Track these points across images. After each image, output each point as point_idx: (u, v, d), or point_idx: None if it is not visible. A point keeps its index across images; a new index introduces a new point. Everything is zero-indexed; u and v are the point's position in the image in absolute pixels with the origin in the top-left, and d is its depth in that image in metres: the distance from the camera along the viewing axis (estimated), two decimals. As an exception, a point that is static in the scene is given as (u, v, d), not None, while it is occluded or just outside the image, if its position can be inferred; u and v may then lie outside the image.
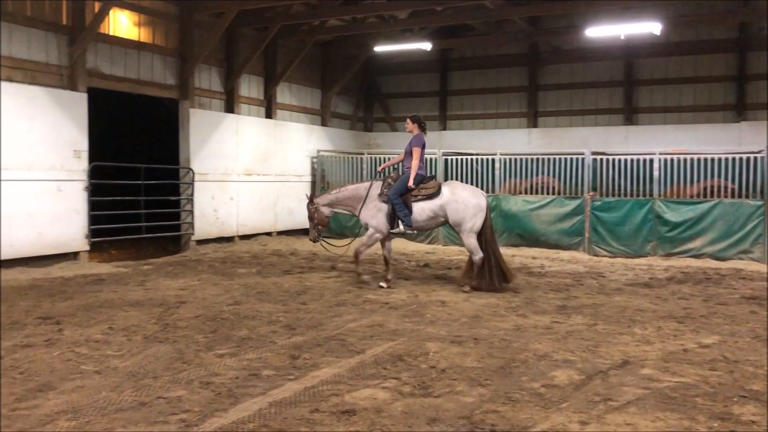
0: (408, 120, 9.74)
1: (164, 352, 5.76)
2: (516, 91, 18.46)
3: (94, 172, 11.46)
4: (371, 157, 16.25)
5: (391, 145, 18.45)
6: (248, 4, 12.95)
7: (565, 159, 13.86)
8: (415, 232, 9.71)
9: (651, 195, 12.88)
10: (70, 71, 11.34)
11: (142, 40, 12.84)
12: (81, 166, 11.27)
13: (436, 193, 9.30)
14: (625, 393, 4.80)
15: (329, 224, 10.37)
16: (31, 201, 10.49)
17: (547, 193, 13.96)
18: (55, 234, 10.81)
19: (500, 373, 5.30)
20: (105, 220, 11.97)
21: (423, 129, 9.61)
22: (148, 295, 8.44)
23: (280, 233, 16.11)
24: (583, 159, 13.63)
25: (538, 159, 14.23)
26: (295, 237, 16.08)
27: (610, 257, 12.74)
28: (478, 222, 9.15)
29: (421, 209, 9.31)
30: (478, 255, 9.09)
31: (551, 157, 14.12)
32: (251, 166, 15.25)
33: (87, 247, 11.43)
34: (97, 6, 11.52)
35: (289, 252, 13.34)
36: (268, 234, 15.77)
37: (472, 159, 14.78)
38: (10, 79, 10.41)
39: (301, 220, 16.76)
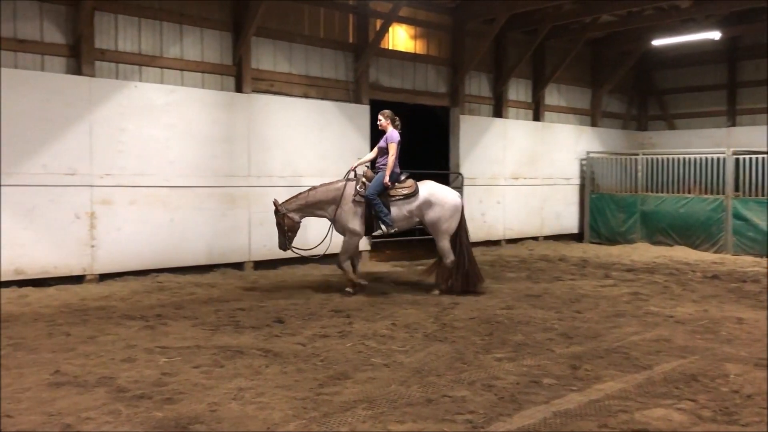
0: (380, 116, 9.12)
1: (444, 351, 5.94)
2: (826, 78, 15.95)
3: (374, 178, 12.33)
4: (646, 158, 15.21)
5: (668, 145, 17.14)
6: (518, 8, 12.96)
7: None
8: (395, 231, 9.01)
9: None
10: (355, 86, 12.36)
11: (417, 51, 13.52)
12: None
13: (414, 193, 8.92)
14: None
15: (599, 230, 9.58)
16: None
17: None
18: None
19: (823, 406, 4.56)
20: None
21: (396, 125, 9.04)
22: (423, 294, 8.82)
23: (547, 238, 15.82)
24: None
25: None
26: (563, 242, 15.67)
27: None
28: (453, 224, 8.92)
29: (399, 209, 8.89)
30: (450, 258, 8.87)
31: None
32: (518, 170, 15.21)
33: (368, 247, 12.37)
34: (378, 23, 12.40)
35: (557, 258, 13.01)
36: (534, 239, 15.58)
37: (770, 158, 13.09)
38: (306, 96, 11.66)
39: (569, 225, 16.38)
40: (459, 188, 13.85)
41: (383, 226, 8.81)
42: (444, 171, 14.16)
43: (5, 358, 5.54)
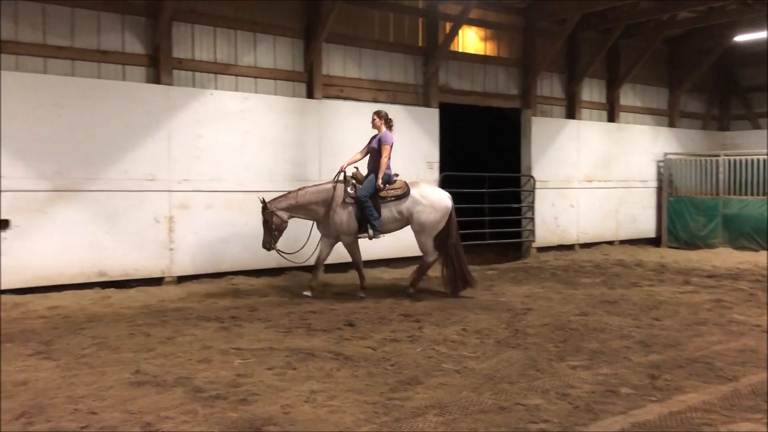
0: (374, 116, 8.94)
1: (517, 358, 5.84)
2: None
3: (444, 182, 12.28)
4: (728, 160, 14.60)
5: (752, 145, 16.35)
6: (592, 7, 12.66)
7: None
8: (383, 236, 8.83)
9: None
10: (424, 89, 12.34)
11: (487, 53, 13.38)
12: (433, 176, 12.17)
13: (405, 195, 8.83)
14: None
15: (678, 234, 9.17)
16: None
17: None
18: (411, 238, 11.71)
19: None
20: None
21: (390, 126, 8.92)
22: (495, 300, 8.70)
23: (623, 242, 15.36)
24: None
25: None
26: (639, 247, 15.19)
27: None
28: (441, 224, 8.87)
29: (390, 211, 8.79)
30: (432, 257, 8.93)
31: None
32: (592, 172, 14.84)
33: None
34: (448, 26, 12.35)
35: (634, 263, 12.62)
36: (609, 243, 15.15)
37: None
38: (375, 100, 11.71)
39: (646, 229, 15.87)
40: (530, 192, 13.65)
41: (371, 230, 8.66)
42: (515, 174, 13.97)
43: (90, 357, 5.78)
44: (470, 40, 13.20)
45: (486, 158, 15.56)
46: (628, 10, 13.49)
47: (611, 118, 15.54)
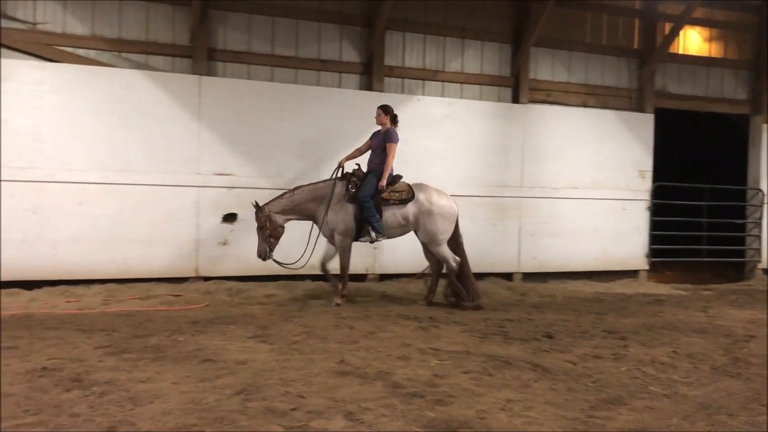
0: (379, 111, 8.32)
1: (737, 389, 5.28)
2: None
3: (657, 192, 11.51)
4: None
5: None
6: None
7: None
8: (384, 240, 7.88)
9: None
10: (638, 93, 11.67)
11: (712, 55, 12.32)
12: (645, 186, 11.47)
13: (409, 199, 8.22)
14: None
15: None
16: (597, 219, 11.14)
17: None
18: (617, 251, 11.25)
19: None
20: (663, 240, 11.85)
21: (395, 122, 8.35)
22: (711, 323, 7.96)
23: None
24: None
25: None
26: None
27: None
28: (450, 232, 8.35)
29: (393, 215, 8.16)
30: (454, 261, 8.31)
31: None
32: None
33: (646, 267, 11.58)
34: (667, 27, 11.56)
35: None
36: None
37: None
38: (584, 105, 11.30)
39: None
40: (758, 207, 12.33)
41: (373, 233, 8.01)
42: (739, 186, 12.69)
43: (300, 344, 6.20)
44: (692, 41, 12.24)
45: (705, 168, 14.32)
46: None
47: None
